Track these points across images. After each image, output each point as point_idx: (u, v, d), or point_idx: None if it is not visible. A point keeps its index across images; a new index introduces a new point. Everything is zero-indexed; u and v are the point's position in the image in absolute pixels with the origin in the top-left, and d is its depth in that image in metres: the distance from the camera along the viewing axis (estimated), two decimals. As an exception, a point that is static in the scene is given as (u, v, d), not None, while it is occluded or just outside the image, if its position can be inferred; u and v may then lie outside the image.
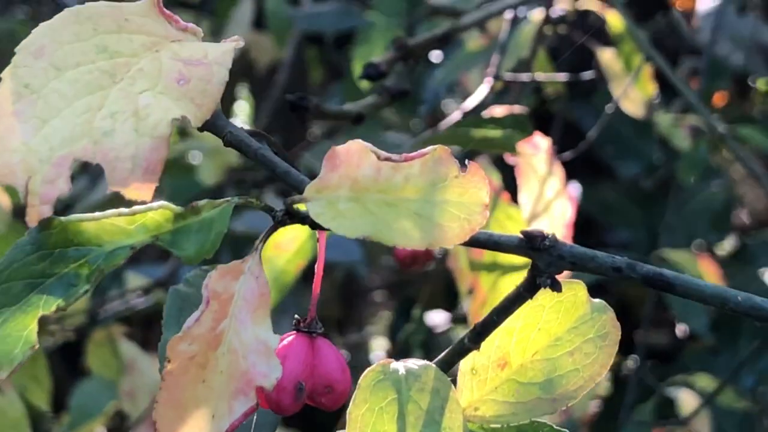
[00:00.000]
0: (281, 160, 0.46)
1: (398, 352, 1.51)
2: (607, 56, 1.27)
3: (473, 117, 0.87)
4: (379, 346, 2.39)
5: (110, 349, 1.75)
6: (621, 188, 1.90)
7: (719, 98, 2.04)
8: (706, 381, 1.51)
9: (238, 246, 1.88)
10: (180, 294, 0.54)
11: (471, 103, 1.01)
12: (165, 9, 0.46)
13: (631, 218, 1.87)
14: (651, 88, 1.25)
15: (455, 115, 1.00)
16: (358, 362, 2.20)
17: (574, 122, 1.86)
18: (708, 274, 1.52)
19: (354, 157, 0.42)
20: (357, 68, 1.27)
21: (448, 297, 1.75)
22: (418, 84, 1.60)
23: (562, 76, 1.35)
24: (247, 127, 0.48)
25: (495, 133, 0.85)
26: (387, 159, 0.42)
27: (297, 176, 0.45)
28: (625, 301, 2.01)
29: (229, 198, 0.44)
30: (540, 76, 1.28)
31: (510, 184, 0.99)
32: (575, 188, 0.94)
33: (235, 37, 0.46)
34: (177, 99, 0.43)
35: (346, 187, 0.42)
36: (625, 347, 2.38)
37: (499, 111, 0.97)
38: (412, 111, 1.76)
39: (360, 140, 0.42)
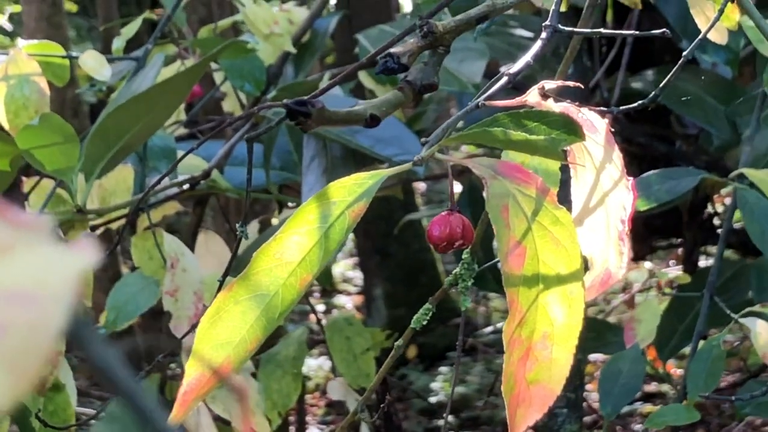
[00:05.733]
0: (152, 404, 0.34)
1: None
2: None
3: (513, 113, 0.73)
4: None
5: (154, 243, 1.65)
6: (700, 78, 1.74)
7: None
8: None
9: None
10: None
11: (519, 64, 0.86)
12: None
13: (708, 111, 1.71)
14: (734, 18, 1.09)
15: (503, 81, 0.86)
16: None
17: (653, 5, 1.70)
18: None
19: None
20: None
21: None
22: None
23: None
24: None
25: (537, 137, 0.72)
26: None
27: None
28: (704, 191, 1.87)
29: None
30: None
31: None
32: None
33: (85, 243, 0.30)
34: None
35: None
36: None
37: (550, 86, 0.83)
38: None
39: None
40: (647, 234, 2.11)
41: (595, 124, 0.83)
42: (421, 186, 4.27)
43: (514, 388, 0.78)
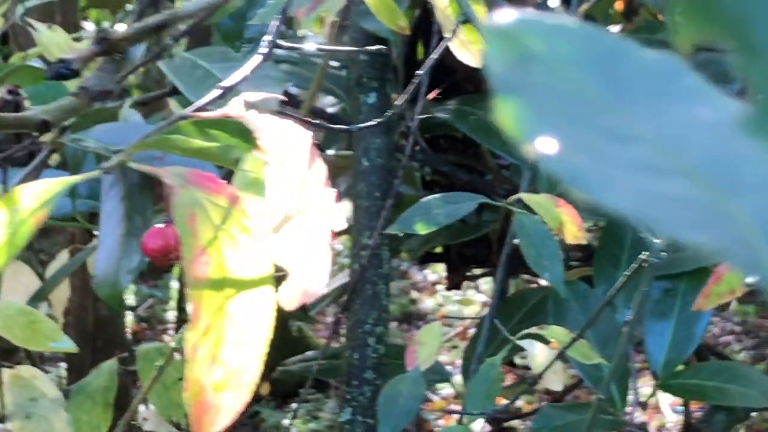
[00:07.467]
0: None
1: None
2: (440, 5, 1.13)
3: (197, 121, 0.74)
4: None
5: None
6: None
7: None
8: (561, 335, 1.42)
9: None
10: None
11: (234, 79, 0.87)
12: None
13: (508, 141, 1.74)
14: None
15: (216, 93, 0.87)
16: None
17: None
18: (566, 218, 1.42)
19: None
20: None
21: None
22: (242, 19, 1.45)
23: None
24: None
25: (213, 144, 0.72)
26: None
27: None
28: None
29: None
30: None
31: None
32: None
33: None
34: None
35: None
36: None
37: (254, 98, 0.84)
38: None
39: None
40: (460, 263, 2.14)
41: (298, 137, 0.84)
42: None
43: (199, 394, 0.78)
